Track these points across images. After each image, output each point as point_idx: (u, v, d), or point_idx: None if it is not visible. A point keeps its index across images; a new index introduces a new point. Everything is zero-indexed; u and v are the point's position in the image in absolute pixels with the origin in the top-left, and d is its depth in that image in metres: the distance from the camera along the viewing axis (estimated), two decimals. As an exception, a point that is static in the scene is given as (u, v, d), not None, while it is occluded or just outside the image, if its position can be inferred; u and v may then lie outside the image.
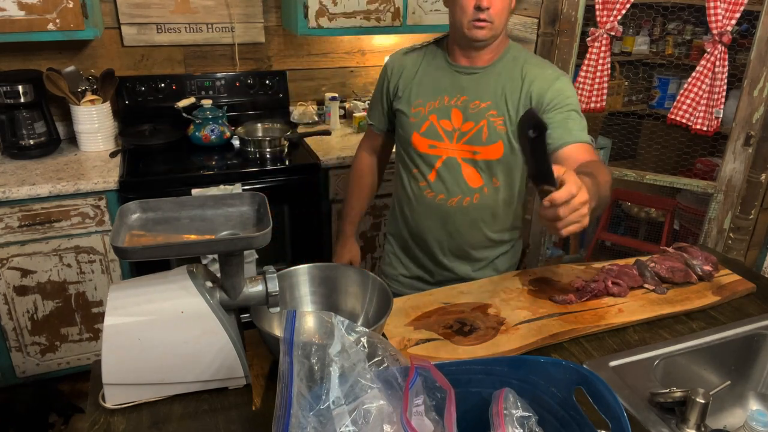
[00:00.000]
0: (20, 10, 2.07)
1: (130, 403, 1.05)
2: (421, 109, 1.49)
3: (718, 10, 2.16)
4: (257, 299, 1.08)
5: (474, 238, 1.58)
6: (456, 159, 1.49)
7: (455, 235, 1.57)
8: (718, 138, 2.55)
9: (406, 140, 1.54)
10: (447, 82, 1.48)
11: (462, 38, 1.43)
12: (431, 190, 1.54)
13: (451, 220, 1.55)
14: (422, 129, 1.49)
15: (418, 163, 1.54)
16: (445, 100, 1.47)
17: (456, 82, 1.47)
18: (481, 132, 1.46)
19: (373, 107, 1.68)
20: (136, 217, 1.07)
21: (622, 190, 3.36)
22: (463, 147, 1.48)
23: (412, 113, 1.51)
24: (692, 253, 1.52)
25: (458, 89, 1.47)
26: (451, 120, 1.47)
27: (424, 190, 1.55)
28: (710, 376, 1.29)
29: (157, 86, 2.59)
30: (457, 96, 1.47)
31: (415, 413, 0.74)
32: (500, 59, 1.47)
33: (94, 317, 2.35)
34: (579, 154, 1.33)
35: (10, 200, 2.07)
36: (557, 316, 1.34)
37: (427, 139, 1.50)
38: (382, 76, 1.61)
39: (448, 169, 1.50)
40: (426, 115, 1.49)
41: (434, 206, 1.54)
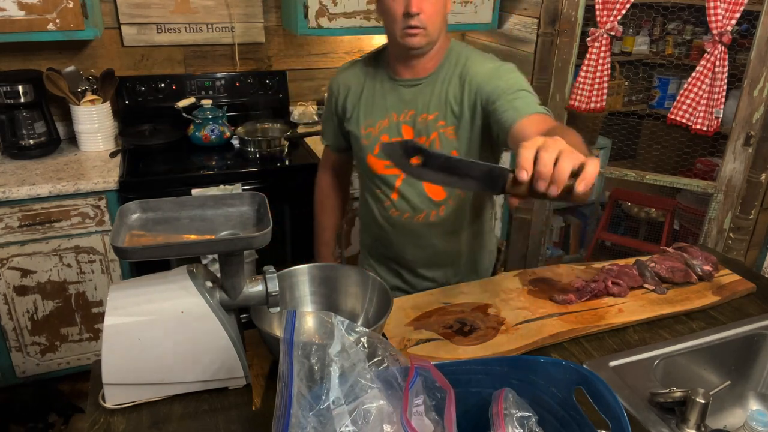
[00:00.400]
0: (20, 10, 2.07)
1: (130, 403, 1.05)
2: (372, 130, 1.44)
3: (718, 10, 2.16)
4: (257, 299, 1.08)
5: (448, 247, 1.55)
6: None
7: (428, 248, 1.54)
8: (718, 138, 2.55)
9: (362, 162, 1.50)
10: (393, 99, 1.43)
11: (398, 48, 1.37)
12: (396, 209, 1.50)
13: (422, 235, 1.52)
14: (376, 150, 1.45)
15: (378, 184, 1.49)
16: (393, 117, 1.42)
17: (401, 97, 1.42)
18: (434, 145, 1.40)
19: (326, 127, 1.62)
20: (136, 217, 1.07)
21: (622, 190, 3.36)
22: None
23: (363, 135, 1.46)
24: (692, 253, 1.52)
25: (404, 104, 1.42)
26: (403, 136, 1.42)
27: (389, 210, 1.51)
28: (710, 376, 1.29)
29: (157, 86, 2.59)
30: (404, 111, 1.42)
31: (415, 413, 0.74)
32: (442, 65, 1.40)
33: (94, 317, 2.35)
34: (534, 125, 1.17)
35: (10, 200, 2.07)
36: (557, 316, 1.34)
37: (381, 159, 1.44)
38: (329, 96, 1.55)
39: (409, 186, 1.46)
40: (377, 136, 1.44)
41: (402, 224, 1.51)
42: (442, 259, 1.57)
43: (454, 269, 1.60)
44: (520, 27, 2.66)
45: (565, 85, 2.55)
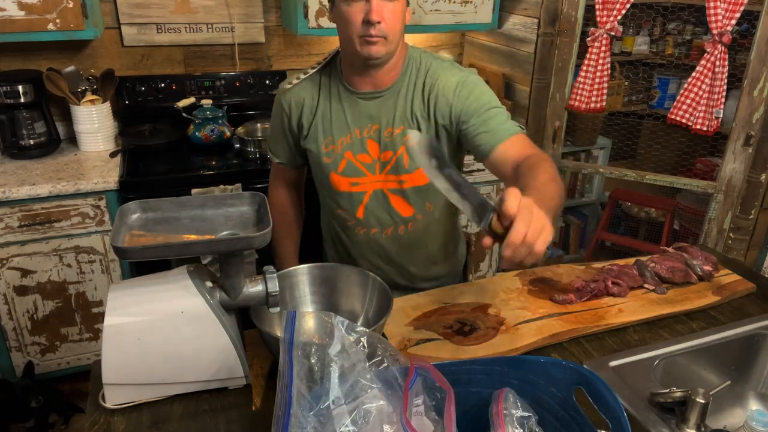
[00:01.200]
0: (20, 10, 2.07)
1: (130, 403, 1.05)
2: (334, 147, 1.37)
3: (718, 10, 2.16)
4: (257, 299, 1.08)
5: (419, 259, 1.53)
6: (382, 190, 1.41)
7: (400, 261, 1.52)
8: (718, 138, 2.55)
9: (323, 181, 1.44)
10: (353, 114, 1.36)
11: (355, 58, 1.29)
12: (362, 226, 1.45)
13: (390, 250, 1.49)
14: (340, 168, 1.38)
15: (341, 202, 1.44)
16: (356, 133, 1.36)
17: (362, 111, 1.35)
18: (401, 159, 1.36)
19: (276, 143, 1.51)
20: (136, 217, 1.07)
21: (622, 190, 3.37)
22: (388, 177, 1.39)
23: (324, 153, 1.38)
24: (692, 253, 1.52)
25: (367, 118, 1.35)
26: (369, 152, 1.37)
27: (354, 228, 1.46)
28: (710, 376, 1.29)
29: (157, 86, 2.59)
30: (368, 126, 1.36)
31: (414, 413, 0.74)
32: (403, 75, 1.35)
33: (94, 317, 2.35)
34: (512, 151, 1.23)
35: (10, 200, 2.07)
36: (557, 316, 1.34)
37: (347, 177, 1.39)
38: (278, 112, 1.45)
39: (376, 202, 1.42)
40: (341, 153, 1.37)
41: (368, 240, 1.48)
42: (415, 270, 1.55)
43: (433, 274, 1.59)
44: (520, 27, 2.66)
45: (565, 85, 2.55)
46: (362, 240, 1.48)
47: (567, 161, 2.80)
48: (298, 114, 1.41)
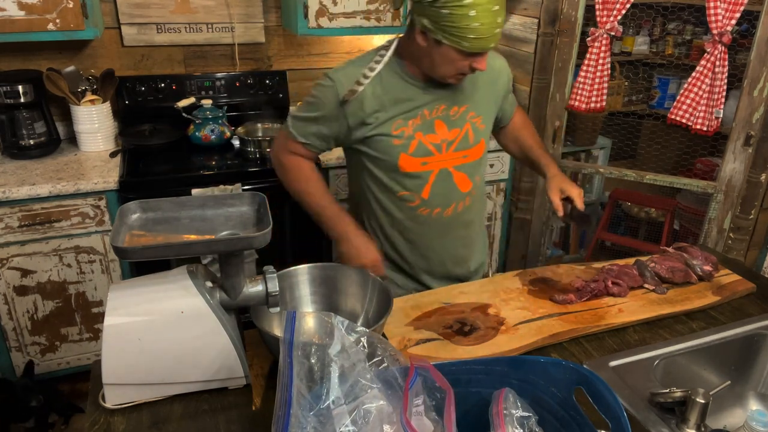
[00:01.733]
0: (20, 10, 2.07)
1: (130, 403, 1.05)
2: (404, 129, 1.40)
3: (718, 10, 2.16)
4: (257, 299, 1.08)
5: (467, 237, 1.59)
6: (447, 169, 1.46)
7: (454, 242, 1.55)
8: (718, 138, 2.55)
9: (389, 164, 1.44)
10: (420, 97, 1.40)
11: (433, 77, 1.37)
12: (426, 206, 1.48)
13: (449, 229, 1.53)
14: (411, 149, 1.41)
15: (408, 183, 1.45)
16: (425, 114, 1.41)
17: (429, 94, 1.41)
18: (468, 136, 1.46)
19: (311, 126, 1.45)
20: (136, 217, 1.07)
21: (622, 190, 3.36)
22: (454, 155, 1.45)
23: (395, 135, 1.40)
24: (692, 253, 1.52)
25: (434, 100, 1.41)
26: (436, 132, 1.42)
27: (416, 209, 1.48)
28: (710, 376, 1.29)
29: (157, 86, 2.58)
30: (436, 107, 1.41)
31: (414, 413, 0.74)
32: None
33: (94, 317, 2.35)
34: (517, 118, 1.67)
35: (10, 200, 2.07)
36: (557, 316, 1.34)
37: (418, 158, 1.42)
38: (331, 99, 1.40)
39: (441, 181, 1.46)
40: (411, 134, 1.41)
41: (430, 222, 1.50)
42: (462, 252, 1.59)
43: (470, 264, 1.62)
44: (520, 27, 2.66)
45: (565, 85, 2.55)
46: (426, 221, 1.50)
47: (567, 161, 2.80)
48: (359, 104, 1.39)
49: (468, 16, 1.20)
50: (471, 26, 1.21)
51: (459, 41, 1.23)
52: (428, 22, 1.24)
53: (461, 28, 1.21)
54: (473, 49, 1.25)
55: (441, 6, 1.20)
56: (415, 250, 1.54)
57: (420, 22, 1.26)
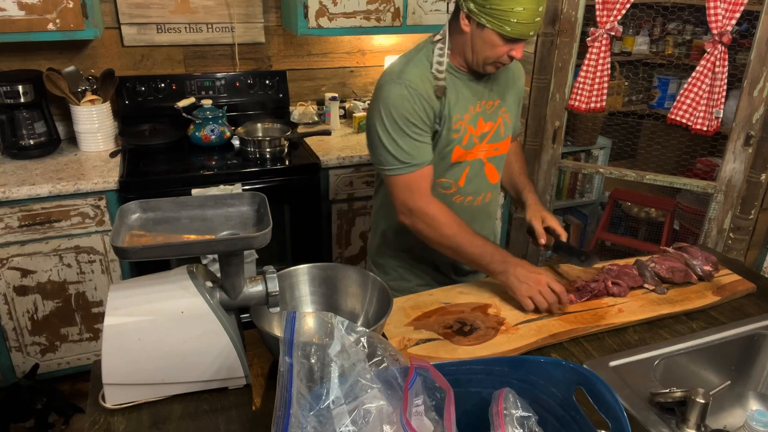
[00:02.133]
0: (20, 10, 2.07)
1: (130, 403, 1.05)
2: (461, 123, 1.45)
3: (718, 10, 2.16)
4: (257, 299, 1.08)
5: (489, 228, 1.66)
6: (481, 159, 1.52)
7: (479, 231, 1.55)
8: (718, 138, 2.55)
9: (443, 155, 1.46)
10: (468, 91, 1.45)
11: (473, 67, 1.42)
12: (460, 194, 1.53)
13: (477, 217, 1.58)
14: (464, 142, 1.47)
15: (448, 172, 1.50)
16: (471, 109, 1.46)
17: (475, 90, 1.47)
18: (500, 129, 1.52)
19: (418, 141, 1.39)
20: (136, 217, 1.07)
21: (622, 190, 3.36)
22: (488, 146, 1.52)
23: (454, 129, 1.44)
24: (692, 253, 1.52)
25: (478, 95, 1.47)
26: (478, 125, 1.48)
27: (452, 196, 1.53)
28: (710, 376, 1.29)
29: (157, 86, 2.59)
30: (478, 102, 1.47)
31: (414, 413, 0.74)
32: None
33: (94, 317, 2.35)
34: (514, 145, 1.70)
35: (10, 200, 2.07)
36: (557, 316, 1.34)
37: (466, 150, 1.48)
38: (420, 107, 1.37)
39: (474, 171, 1.52)
40: (465, 128, 1.46)
41: (462, 209, 1.53)
42: None
43: None
44: (520, 27, 2.66)
45: (565, 85, 2.55)
46: (459, 208, 1.52)
47: (567, 161, 2.80)
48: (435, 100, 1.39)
49: (512, 0, 1.25)
50: (514, 10, 1.26)
51: (502, 25, 1.28)
52: (474, 6, 1.30)
53: (505, 11, 1.26)
54: (514, 35, 1.30)
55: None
56: None
57: (466, 6, 1.32)
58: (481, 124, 1.48)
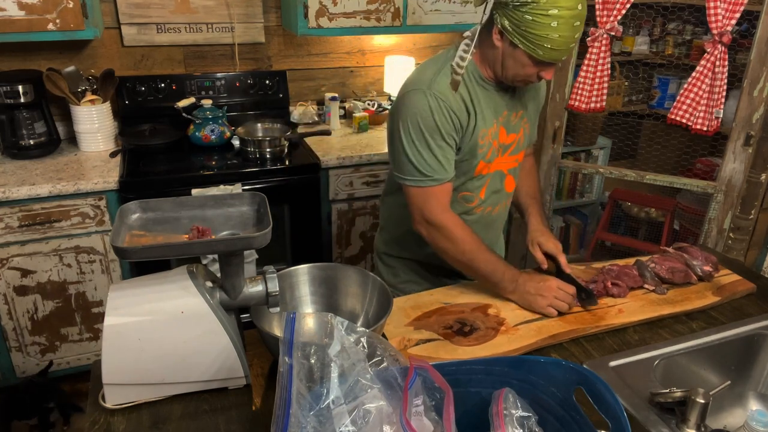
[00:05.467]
0: (20, 10, 2.07)
1: (130, 403, 1.05)
2: (487, 138, 1.42)
3: (718, 10, 2.16)
4: (257, 299, 1.08)
5: (498, 235, 1.67)
6: (502, 171, 1.50)
7: (492, 238, 1.60)
8: (718, 138, 2.55)
9: (467, 168, 1.43)
10: (493, 104, 1.41)
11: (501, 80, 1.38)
12: (480, 205, 1.51)
13: (492, 226, 1.58)
14: (488, 155, 1.44)
15: (470, 185, 1.47)
16: (495, 121, 1.43)
17: (500, 102, 1.43)
18: (521, 141, 1.50)
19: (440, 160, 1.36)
20: (136, 217, 1.07)
21: (622, 190, 3.36)
22: (509, 158, 1.50)
23: (480, 144, 1.41)
24: (692, 254, 1.52)
25: (502, 107, 1.44)
26: (500, 137, 1.45)
27: (474, 208, 1.50)
28: (710, 376, 1.29)
29: (157, 86, 2.59)
30: (502, 114, 1.44)
31: (414, 413, 0.74)
32: None
33: (94, 317, 2.35)
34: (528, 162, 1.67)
35: (10, 200, 2.07)
36: (557, 317, 1.34)
37: (489, 162, 1.45)
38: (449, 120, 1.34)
39: (495, 181, 1.50)
40: (490, 141, 1.43)
41: (480, 219, 1.52)
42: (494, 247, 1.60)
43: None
44: (520, 27, 2.66)
45: (565, 85, 2.55)
46: (475, 219, 1.52)
47: (567, 161, 2.80)
48: (460, 113, 1.36)
49: (550, 26, 1.21)
50: (550, 36, 1.22)
51: (535, 49, 1.25)
52: (509, 24, 1.25)
53: (540, 36, 1.22)
54: (546, 59, 1.26)
55: (526, 12, 1.21)
56: None
57: (501, 22, 1.27)
58: (503, 136, 1.45)
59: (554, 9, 1.19)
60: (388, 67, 2.93)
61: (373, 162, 2.50)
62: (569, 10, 1.20)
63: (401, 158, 1.38)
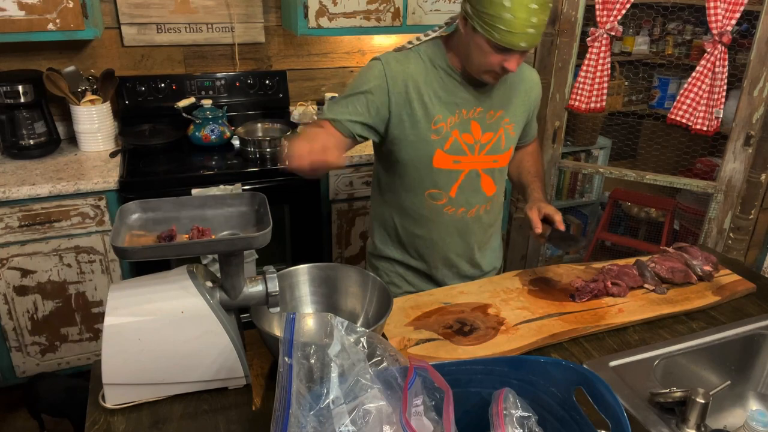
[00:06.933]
0: (20, 10, 2.07)
1: (130, 403, 1.05)
2: (443, 125, 1.40)
3: (718, 10, 2.16)
4: (257, 299, 1.08)
5: (483, 240, 1.60)
6: (477, 171, 1.47)
7: (471, 243, 1.56)
8: (718, 138, 2.55)
9: (422, 159, 1.43)
10: (460, 95, 1.41)
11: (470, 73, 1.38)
12: (451, 205, 1.49)
13: (469, 230, 1.54)
14: (446, 146, 1.42)
15: (438, 181, 1.46)
16: (463, 113, 1.41)
17: (468, 94, 1.41)
18: (500, 141, 1.47)
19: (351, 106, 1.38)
20: (136, 217, 1.07)
21: (622, 190, 3.36)
22: (485, 158, 1.47)
23: (433, 130, 1.40)
24: (692, 253, 1.52)
25: (473, 101, 1.42)
26: (472, 133, 1.43)
27: (443, 207, 1.49)
28: (710, 376, 1.29)
29: (157, 86, 2.58)
30: (473, 108, 1.42)
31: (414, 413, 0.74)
32: None
33: (94, 317, 2.35)
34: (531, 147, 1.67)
35: (10, 200, 2.07)
36: (557, 316, 1.34)
37: (451, 155, 1.43)
38: (377, 83, 1.38)
39: (469, 182, 1.47)
40: (449, 131, 1.41)
41: (454, 221, 1.50)
42: (477, 254, 1.59)
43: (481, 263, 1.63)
44: (520, 27, 2.66)
45: (565, 85, 2.55)
46: (448, 220, 1.50)
47: (567, 161, 2.80)
48: (404, 90, 1.38)
49: (503, 5, 1.20)
50: (503, 17, 1.21)
51: (491, 31, 1.24)
52: (470, 8, 1.26)
53: (494, 17, 1.22)
54: (502, 42, 1.24)
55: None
56: (434, 249, 1.54)
57: (464, 8, 1.28)
58: (477, 133, 1.44)
59: None
60: (388, 67, 2.93)
61: (373, 162, 2.50)
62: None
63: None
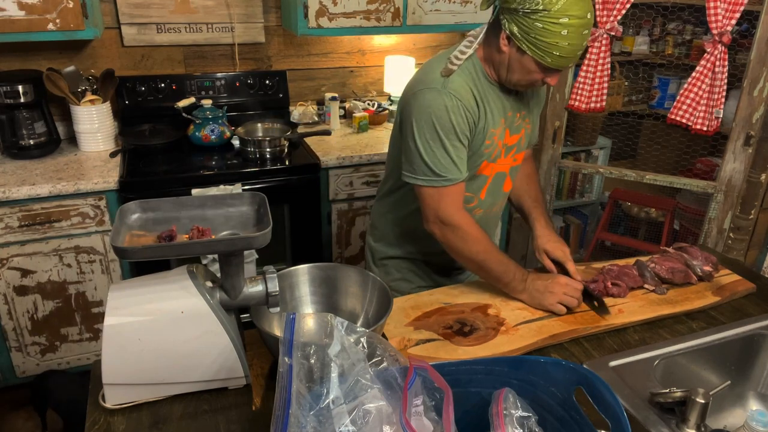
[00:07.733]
0: (20, 10, 2.07)
1: (130, 403, 1.05)
2: (495, 138, 1.41)
3: (718, 10, 2.16)
4: (257, 299, 1.08)
5: (494, 232, 1.65)
6: (504, 172, 1.50)
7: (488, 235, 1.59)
8: (718, 138, 2.55)
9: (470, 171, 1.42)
10: (500, 104, 1.41)
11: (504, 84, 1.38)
12: (480, 207, 1.50)
13: (490, 224, 1.58)
14: (493, 155, 1.44)
15: (472, 186, 1.46)
16: (502, 122, 1.42)
17: (505, 102, 1.42)
18: (521, 141, 1.50)
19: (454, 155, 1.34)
20: (136, 217, 1.07)
21: (622, 190, 3.36)
22: (510, 160, 1.50)
23: (487, 144, 1.41)
24: (692, 254, 1.52)
25: (507, 108, 1.43)
26: (505, 138, 1.44)
27: (473, 209, 1.49)
28: (710, 376, 1.29)
29: (157, 86, 2.58)
30: (507, 115, 1.43)
31: (414, 413, 0.74)
32: None
33: (94, 317, 2.35)
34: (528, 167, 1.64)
35: (10, 200, 2.07)
36: (557, 317, 1.34)
37: (491, 162, 1.45)
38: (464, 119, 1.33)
39: (496, 183, 1.50)
40: (496, 142, 1.42)
41: (480, 220, 1.49)
42: None
43: None
44: (520, 27, 2.66)
45: (565, 85, 2.55)
46: (476, 220, 1.48)
47: (567, 161, 2.80)
48: (474, 113, 1.36)
49: (560, 34, 1.20)
50: (560, 44, 1.22)
51: (543, 56, 1.24)
52: (518, 31, 1.24)
53: (550, 44, 1.22)
54: (554, 66, 1.26)
55: (536, 19, 1.20)
56: None
57: (509, 28, 1.25)
58: (507, 137, 1.45)
59: (565, 17, 1.19)
60: (388, 67, 2.93)
61: (373, 162, 2.50)
62: (579, 18, 1.20)
63: (414, 158, 1.36)
